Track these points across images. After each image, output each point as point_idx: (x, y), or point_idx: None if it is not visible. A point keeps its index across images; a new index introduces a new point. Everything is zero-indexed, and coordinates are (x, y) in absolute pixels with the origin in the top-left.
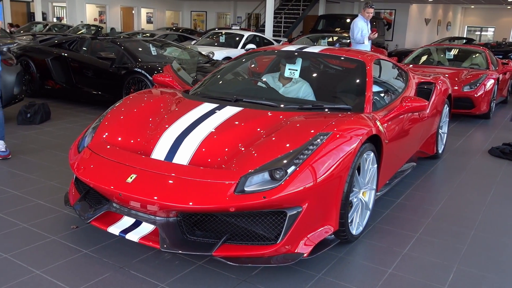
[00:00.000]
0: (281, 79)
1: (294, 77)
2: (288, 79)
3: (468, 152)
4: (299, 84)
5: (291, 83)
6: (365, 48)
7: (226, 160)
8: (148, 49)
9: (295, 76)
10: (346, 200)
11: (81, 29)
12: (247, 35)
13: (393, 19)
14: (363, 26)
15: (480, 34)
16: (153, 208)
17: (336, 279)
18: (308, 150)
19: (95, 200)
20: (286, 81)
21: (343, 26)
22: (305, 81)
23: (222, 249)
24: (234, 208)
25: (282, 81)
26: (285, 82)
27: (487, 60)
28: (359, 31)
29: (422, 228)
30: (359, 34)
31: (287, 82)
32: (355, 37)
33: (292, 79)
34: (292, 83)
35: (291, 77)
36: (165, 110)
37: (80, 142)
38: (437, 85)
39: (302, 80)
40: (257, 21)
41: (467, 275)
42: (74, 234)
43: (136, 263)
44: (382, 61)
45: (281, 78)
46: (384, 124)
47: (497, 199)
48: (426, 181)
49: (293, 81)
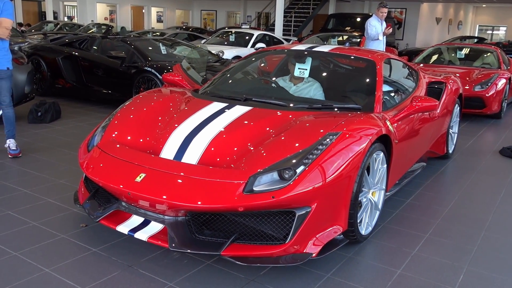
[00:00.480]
0: (292, 78)
1: (305, 77)
2: (299, 79)
3: (479, 152)
4: (310, 84)
5: (302, 82)
6: (379, 44)
7: (235, 159)
8: (158, 48)
9: (305, 75)
10: (355, 200)
11: (92, 28)
12: (256, 34)
13: (403, 18)
14: (376, 25)
15: (492, 33)
16: (162, 207)
17: (345, 279)
18: (317, 150)
19: (104, 199)
20: (297, 80)
21: (353, 25)
22: (316, 81)
23: (230, 249)
24: (242, 207)
25: (293, 80)
26: (296, 82)
27: (498, 60)
28: (373, 27)
29: (432, 229)
30: (373, 30)
31: (298, 81)
32: (369, 33)
33: (303, 79)
34: (304, 83)
35: (302, 77)
36: (174, 109)
37: (90, 141)
38: (448, 84)
39: (313, 80)
40: (267, 20)
41: (477, 276)
42: (83, 233)
43: (145, 262)
44: (392, 61)
45: (292, 78)
46: (394, 124)
47: (508, 200)
48: (436, 181)
49: (305, 81)
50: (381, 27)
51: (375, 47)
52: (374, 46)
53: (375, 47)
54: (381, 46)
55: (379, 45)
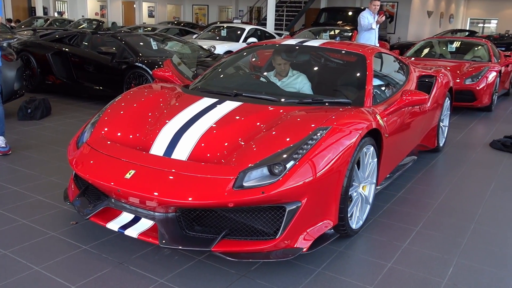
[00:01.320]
0: (276, 74)
1: (290, 71)
2: (283, 74)
3: (470, 145)
4: (295, 77)
5: (287, 77)
6: (372, 36)
7: (226, 155)
8: (149, 44)
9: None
10: (345, 194)
11: (82, 23)
12: (248, 28)
13: (395, 11)
14: (369, 17)
15: (483, 26)
16: (152, 204)
17: (335, 274)
18: (307, 145)
19: (94, 196)
20: (281, 76)
21: (345, 19)
22: (301, 73)
23: (221, 245)
24: (233, 203)
25: (277, 76)
26: (280, 78)
27: (489, 53)
28: (365, 19)
29: (422, 222)
30: (365, 21)
31: (282, 77)
32: (362, 25)
33: (287, 73)
34: (288, 77)
35: (286, 71)
36: (164, 105)
37: (79, 137)
38: (438, 78)
39: (298, 73)
40: (259, 15)
41: (467, 268)
42: (74, 230)
43: (136, 258)
44: (382, 55)
45: (277, 73)
46: (384, 118)
47: (498, 192)
48: (427, 175)
49: (289, 75)
50: (373, 20)
51: (367, 38)
52: (366, 37)
53: (367, 38)
54: (373, 38)
55: (371, 36)
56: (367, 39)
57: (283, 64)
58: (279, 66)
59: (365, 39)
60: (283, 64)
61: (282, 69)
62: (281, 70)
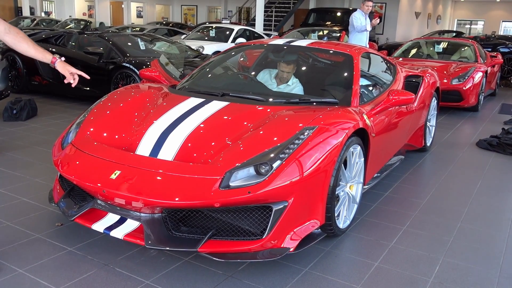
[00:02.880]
0: (277, 77)
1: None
2: (284, 80)
3: (456, 144)
4: (294, 85)
5: (286, 84)
6: (363, 37)
7: (213, 154)
8: (136, 44)
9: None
10: (332, 194)
11: (70, 23)
12: (237, 29)
13: (383, 12)
14: (361, 18)
15: (470, 27)
16: (138, 204)
17: (322, 273)
18: (294, 144)
19: (80, 197)
20: (281, 82)
21: (334, 19)
22: (299, 82)
23: (207, 245)
24: (219, 203)
25: (277, 81)
26: (280, 83)
27: (475, 53)
28: (358, 19)
29: (409, 221)
30: (358, 22)
31: (282, 83)
32: (355, 26)
33: (288, 81)
34: (287, 85)
35: (288, 79)
36: (151, 105)
37: (64, 138)
38: (425, 78)
39: (297, 81)
40: (247, 15)
41: (453, 267)
42: (59, 232)
43: (121, 260)
44: (369, 55)
45: (278, 77)
46: (371, 118)
47: (484, 191)
48: (414, 174)
49: (289, 83)
50: (365, 21)
51: (359, 40)
52: (358, 38)
53: (359, 39)
54: (364, 39)
55: (362, 38)
56: (358, 40)
57: (287, 72)
58: (282, 73)
59: (356, 40)
60: (287, 72)
61: (285, 77)
62: (283, 77)
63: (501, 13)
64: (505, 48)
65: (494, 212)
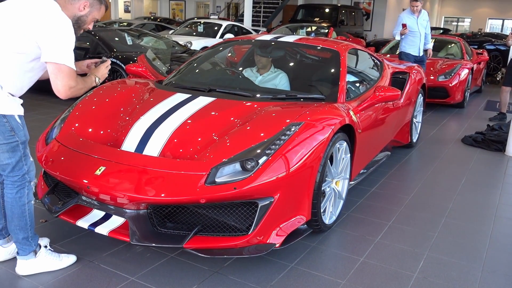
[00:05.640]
0: (258, 69)
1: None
2: (265, 69)
3: (442, 141)
4: (276, 74)
5: (268, 72)
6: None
7: (199, 150)
8: (123, 39)
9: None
10: (318, 190)
11: None
12: (225, 24)
13: (371, 9)
14: (407, 20)
15: (457, 24)
16: (123, 200)
17: (308, 269)
18: (280, 140)
19: (64, 193)
20: (263, 70)
21: (322, 16)
22: (282, 71)
23: (193, 241)
24: (204, 199)
25: (259, 71)
26: (262, 72)
27: (462, 50)
28: (397, 25)
29: (395, 217)
30: (398, 25)
31: (264, 71)
32: (395, 29)
33: (269, 69)
34: (270, 73)
35: (266, 67)
36: (137, 100)
37: (48, 133)
38: (411, 74)
39: (279, 70)
40: (236, 11)
41: (437, 261)
42: (43, 228)
43: (106, 256)
44: (356, 51)
45: (259, 68)
46: (358, 114)
47: (469, 187)
48: (400, 170)
49: (271, 71)
50: (415, 22)
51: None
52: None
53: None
54: (417, 42)
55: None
56: (410, 44)
57: (262, 60)
58: (258, 62)
59: (408, 44)
60: (262, 60)
61: (261, 66)
62: (260, 66)
63: (488, 11)
64: (491, 45)
65: (479, 208)
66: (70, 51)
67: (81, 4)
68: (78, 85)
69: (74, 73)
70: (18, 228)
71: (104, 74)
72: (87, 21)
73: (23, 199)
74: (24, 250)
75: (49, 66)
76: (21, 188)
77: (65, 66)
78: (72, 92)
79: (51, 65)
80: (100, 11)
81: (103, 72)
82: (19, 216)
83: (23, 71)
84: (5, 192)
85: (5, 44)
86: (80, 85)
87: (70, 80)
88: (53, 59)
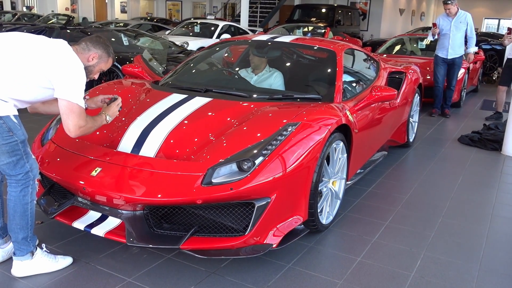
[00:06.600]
0: (253, 69)
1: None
2: (260, 69)
3: (439, 140)
4: (271, 73)
5: (263, 72)
6: (445, 40)
7: (196, 150)
8: (120, 39)
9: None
10: (315, 190)
11: (52, 18)
12: (222, 25)
13: (368, 9)
14: (442, 22)
15: None
16: (119, 201)
17: (305, 269)
18: (276, 141)
19: (60, 195)
20: (258, 70)
21: (319, 16)
22: (276, 70)
23: (190, 242)
24: (201, 200)
25: (254, 71)
26: (257, 72)
27: None
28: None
29: (392, 216)
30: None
31: (259, 71)
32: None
33: (264, 69)
34: (265, 72)
35: (260, 67)
36: (133, 101)
37: (44, 135)
38: (407, 74)
39: (274, 69)
40: (233, 11)
41: (434, 261)
42: (39, 230)
43: (103, 258)
44: (353, 51)
45: (254, 68)
46: (354, 114)
47: (465, 186)
48: (397, 170)
49: (265, 70)
50: (450, 24)
51: (440, 44)
52: (440, 42)
53: (440, 43)
54: (446, 44)
55: (444, 42)
56: (440, 45)
57: (254, 60)
58: (252, 62)
59: (439, 45)
60: (256, 60)
61: (256, 65)
62: (255, 66)
63: (484, 11)
64: (487, 45)
65: (475, 207)
66: (81, 91)
67: (91, 55)
68: (88, 124)
69: (84, 113)
70: (19, 227)
71: (115, 112)
72: (93, 71)
73: (26, 198)
74: (22, 250)
75: (61, 103)
76: (25, 187)
77: (77, 106)
78: (81, 131)
79: (63, 102)
80: (107, 63)
81: (114, 110)
82: (21, 215)
83: (36, 87)
84: (9, 190)
85: (17, 69)
86: (90, 124)
87: (80, 120)
88: (66, 96)
